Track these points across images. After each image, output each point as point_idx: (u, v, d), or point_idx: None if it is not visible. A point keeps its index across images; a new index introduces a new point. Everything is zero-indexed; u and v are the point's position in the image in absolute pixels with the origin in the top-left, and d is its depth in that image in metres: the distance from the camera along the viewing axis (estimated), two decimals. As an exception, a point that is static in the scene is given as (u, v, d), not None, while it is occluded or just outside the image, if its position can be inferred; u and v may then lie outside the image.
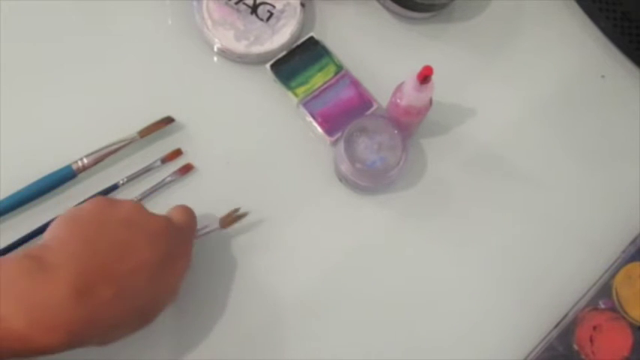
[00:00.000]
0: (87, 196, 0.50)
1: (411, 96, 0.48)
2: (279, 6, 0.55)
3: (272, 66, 0.55)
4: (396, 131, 0.50)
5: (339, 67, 0.55)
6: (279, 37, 0.55)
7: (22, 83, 0.53)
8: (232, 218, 0.50)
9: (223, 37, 0.54)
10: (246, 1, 0.55)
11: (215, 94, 0.55)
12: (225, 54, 0.55)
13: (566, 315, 0.52)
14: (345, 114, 0.54)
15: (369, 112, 0.54)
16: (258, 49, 0.54)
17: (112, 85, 0.54)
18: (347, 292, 0.51)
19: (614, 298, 0.51)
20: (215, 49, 0.55)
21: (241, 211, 0.50)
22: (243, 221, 0.50)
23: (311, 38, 0.56)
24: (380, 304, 0.51)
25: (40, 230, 0.48)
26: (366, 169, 0.50)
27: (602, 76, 0.59)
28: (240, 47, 0.54)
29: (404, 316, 0.51)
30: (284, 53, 0.55)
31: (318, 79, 0.55)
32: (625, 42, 0.58)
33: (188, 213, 0.47)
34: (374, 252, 0.52)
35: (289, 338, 0.50)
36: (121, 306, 0.38)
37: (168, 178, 0.51)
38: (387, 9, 0.58)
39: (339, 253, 0.52)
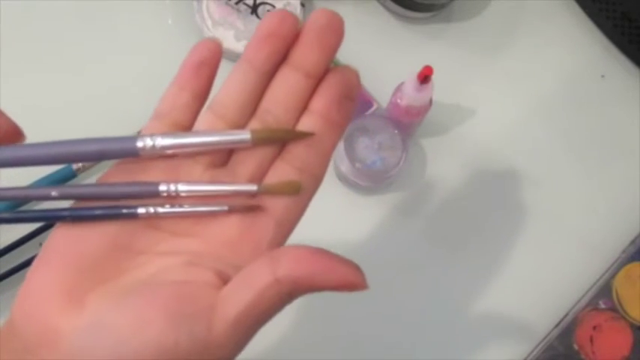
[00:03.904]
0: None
1: (411, 96, 0.48)
2: (279, 6, 0.55)
3: (272, 66, 0.55)
4: (396, 131, 0.50)
5: (339, 67, 0.55)
6: (279, 37, 0.55)
7: (21, 83, 0.53)
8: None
9: (223, 37, 0.54)
10: (247, 1, 0.55)
11: (215, 94, 0.55)
12: (225, 54, 0.55)
13: (566, 315, 0.52)
14: (345, 114, 0.54)
15: (369, 112, 0.54)
16: (258, 49, 0.54)
17: (111, 85, 0.54)
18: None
19: (614, 298, 0.51)
20: (215, 49, 0.55)
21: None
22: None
23: (311, 38, 0.56)
24: (379, 304, 0.51)
25: (36, 233, 0.48)
26: (366, 169, 0.50)
27: (602, 76, 0.59)
28: (240, 47, 0.54)
29: (403, 315, 0.51)
30: (284, 53, 0.55)
31: (318, 79, 0.54)
32: (625, 42, 0.58)
33: None
34: (374, 252, 0.52)
35: (285, 339, 0.50)
36: None
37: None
38: (387, 9, 0.58)
39: (338, 252, 0.52)
